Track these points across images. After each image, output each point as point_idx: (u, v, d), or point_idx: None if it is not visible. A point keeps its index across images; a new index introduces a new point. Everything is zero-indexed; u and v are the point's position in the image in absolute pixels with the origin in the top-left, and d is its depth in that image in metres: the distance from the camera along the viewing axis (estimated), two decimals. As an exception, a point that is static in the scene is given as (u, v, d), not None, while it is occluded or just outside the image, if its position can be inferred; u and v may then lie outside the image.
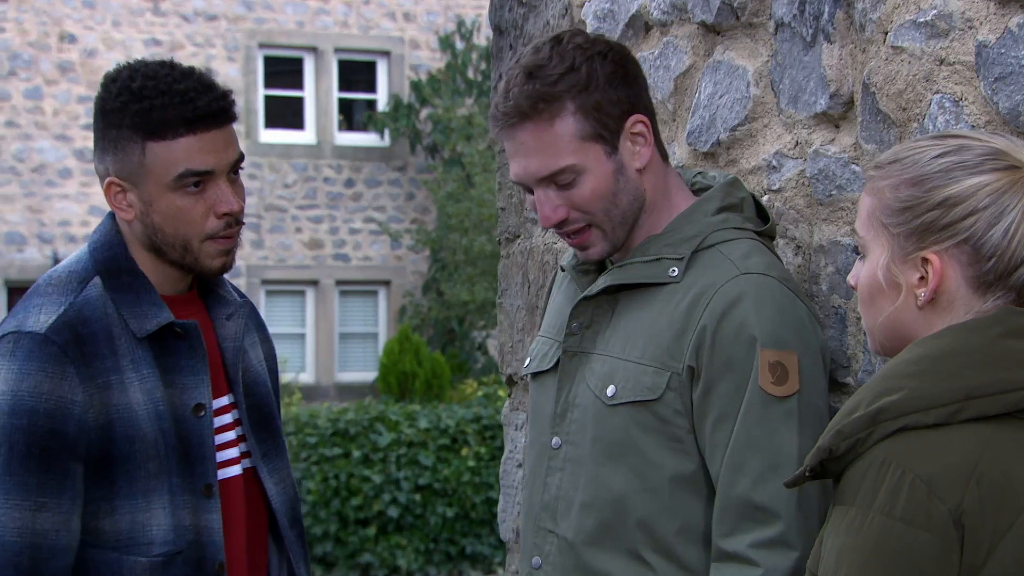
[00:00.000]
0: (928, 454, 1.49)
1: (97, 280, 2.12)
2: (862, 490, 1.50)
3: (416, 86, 16.01)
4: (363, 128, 16.40)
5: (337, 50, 16.36)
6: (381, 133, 16.17)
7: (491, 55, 3.24)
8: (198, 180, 2.09)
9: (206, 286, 2.28)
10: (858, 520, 1.49)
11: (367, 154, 16.28)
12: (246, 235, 15.60)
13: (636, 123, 2.03)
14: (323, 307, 16.22)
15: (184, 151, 2.08)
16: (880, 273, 1.63)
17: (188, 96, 2.07)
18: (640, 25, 2.68)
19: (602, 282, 2.04)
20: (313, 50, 16.34)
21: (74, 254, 2.21)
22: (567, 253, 2.21)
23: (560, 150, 1.96)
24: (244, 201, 2.18)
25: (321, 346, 16.19)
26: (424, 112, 16.06)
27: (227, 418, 2.22)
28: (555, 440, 2.05)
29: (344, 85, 16.57)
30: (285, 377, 15.22)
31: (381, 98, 16.45)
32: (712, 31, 2.48)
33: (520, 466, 3.16)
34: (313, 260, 16.15)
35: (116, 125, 2.09)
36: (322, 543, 11.58)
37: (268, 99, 16.26)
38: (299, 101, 16.44)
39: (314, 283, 16.20)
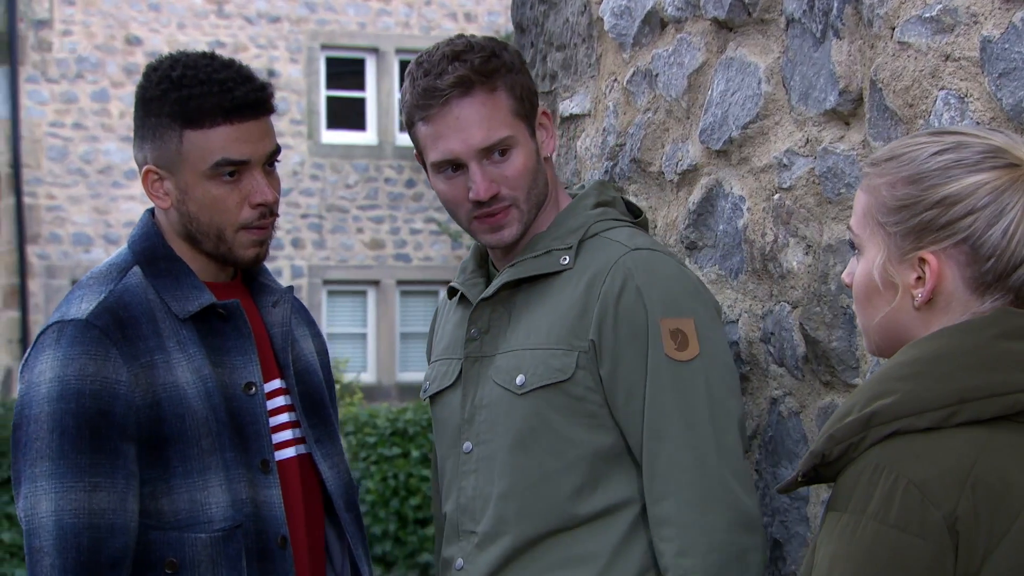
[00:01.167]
0: (922, 459, 1.45)
1: (136, 269, 2.16)
2: (855, 496, 1.47)
3: (477, 86, 16.02)
4: (424, 128, 16.45)
5: (399, 51, 16.42)
6: (442, 133, 16.20)
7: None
8: (233, 170, 2.13)
9: (249, 275, 2.30)
10: (851, 526, 1.46)
11: (428, 154, 16.32)
12: (308, 235, 15.82)
13: (543, 114, 2.17)
14: (384, 307, 16.29)
15: (220, 140, 2.11)
16: (876, 273, 1.60)
17: (227, 86, 2.10)
18: (656, 22, 2.66)
19: (498, 281, 2.12)
20: (375, 51, 16.41)
21: (113, 253, 2.25)
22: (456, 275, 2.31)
23: (500, 121, 2.07)
24: (279, 193, 2.21)
25: (382, 346, 16.26)
26: (485, 112, 16.04)
27: (279, 401, 2.24)
28: (466, 445, 2.11)
29: (405, 86, 16.63)
30: (346, 377, 15.29)
31: (442, 98, 16.49)
32: (725, 27, 2.45)
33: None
34: (374, 260, 16.22)
35: (155, 113, 2.12)
36: (381, 542, 11.63)
37: (330, 100, 16.36)
38: (361, 102, 16.52)
39: (375, 283, 16.27)
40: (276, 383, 2.24)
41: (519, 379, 2.04)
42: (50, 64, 15.06)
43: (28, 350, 2.12)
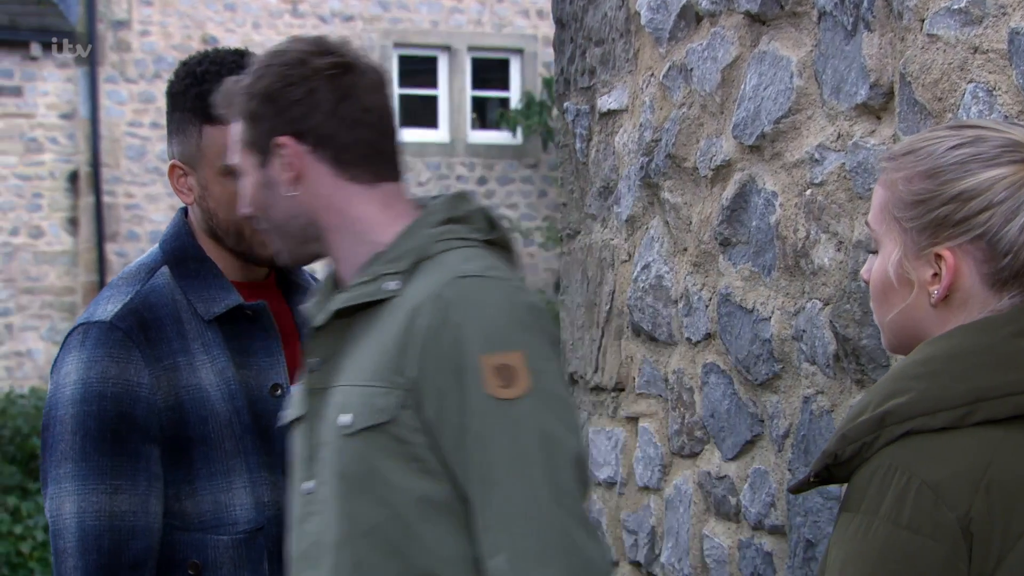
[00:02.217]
0: (935, 459, 1.42)
1: (165, 269, 2.15)
2: (867, 497, 1.45)
3: (549, 83, 16.00)
4: (496, 126, 16.44)
5: (471, 48, 16.44)
6: (514, 131, 16.19)
7: (554, 48, 3.22)
8: None
9: (284, 274, 2.28)
10: (863, 528, 1.43)
11: (500, 152, 16.33)
12: (380, 232, 15.88)
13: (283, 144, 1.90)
14: (456, 304, 16.32)
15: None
16: (891, 269, 1.57)
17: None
18: (691, 16, 2.63)
19: (329, 308, 1.91)
20: (447, 49, 16.45)
21: (146, 252, 2.24)
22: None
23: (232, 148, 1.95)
24: None
25: (454, 343, 16.29)
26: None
27: None
28: (308, 484, 1.88)
29: (477, 83, 16.63)
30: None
31: (514, 96, 16.47)
32: (757, 21, 2.42)
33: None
34: (446, 257, 16.26)
35: (180, 108, 2.12)
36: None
37: (402, 98, 16.42)
38: (433, 100, 16.56)
39: (447, 280, 16.32)
40: None
41: (346, 419, 1.82)
42: (128, 64, 15.28)
43: (58, 351, 2.13)
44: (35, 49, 14.84)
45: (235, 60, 2.13)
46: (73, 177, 15.08)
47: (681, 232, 2.67)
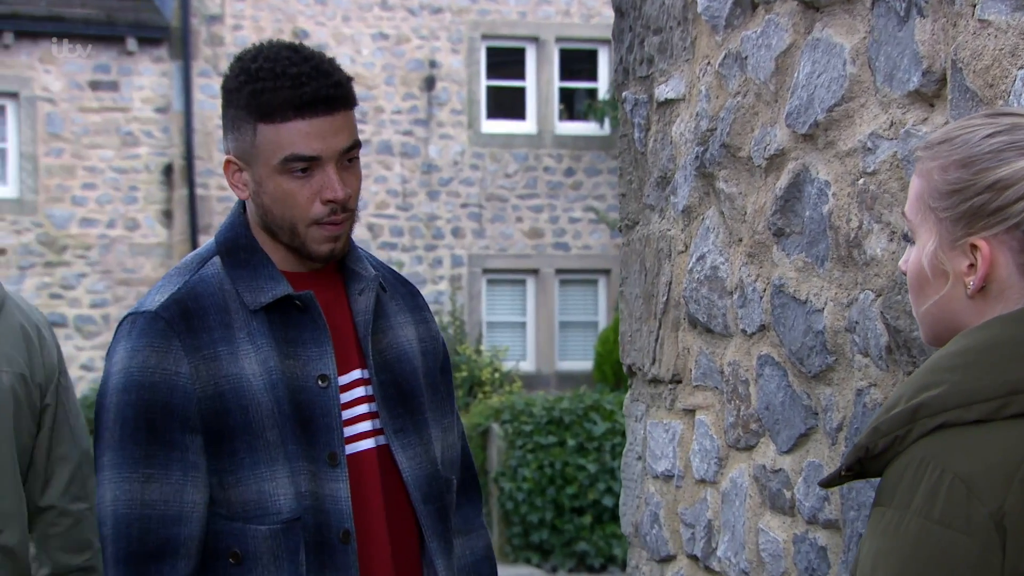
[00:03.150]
0: (969, 453, 1.39)
1: (216, 259, 2.17)
2: (899, 491, 1.42)
3: (638, 74, 15.94)
4: (583, 117, 16.41)
5: (559, 39, 16.42)
6: (601, 122, 16.14)
7: (612, 38, 3.20)
8: (305, 166, 2.10)
9: (341, 262, 2.27)
10: (895, 522, 1.41)
11: (587, 143, 16.29)
12: (468, 225, 15.95)
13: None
14: (543, 296, 16.33)
15: (291, 135, 2.08)
16: (926, 260, 1.54)
17: (300, 80, 2.07)
18: (747, 3, 2.60)
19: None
20: (535, 40, 16.44)
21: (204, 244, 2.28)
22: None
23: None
24: (357, 188, 2.17)
25: (541, 335, 16.30)
26: (646, 100, 15.95)
27: (358, 392, 2.21)
28: None
29: (565, 74, 16.61)
30: (506, 365, 15.37)
31: (602, 87, 16.42)
32: (811, 7, 2.38)
33: (639, 458, 3.11)
34: (533, 249, 16.26)
35: (234, 105, 2.12)
36: (538, 531, 11.67)
37: (490, 89, 16.45)
38: (521, 91, 16.56)
39: (534, 272, 16.32)
40: (356, 373, 2.22)
41: None
42: (221, 58, 15.49)
43: (112, 339, 2.16)
44: (131, 44, 15.11)
45: (288, 56, 2.12)
46: (167, 170, 15.34)
47: (736, 222, 2.64)
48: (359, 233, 15.56)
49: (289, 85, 2.07)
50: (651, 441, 3.04)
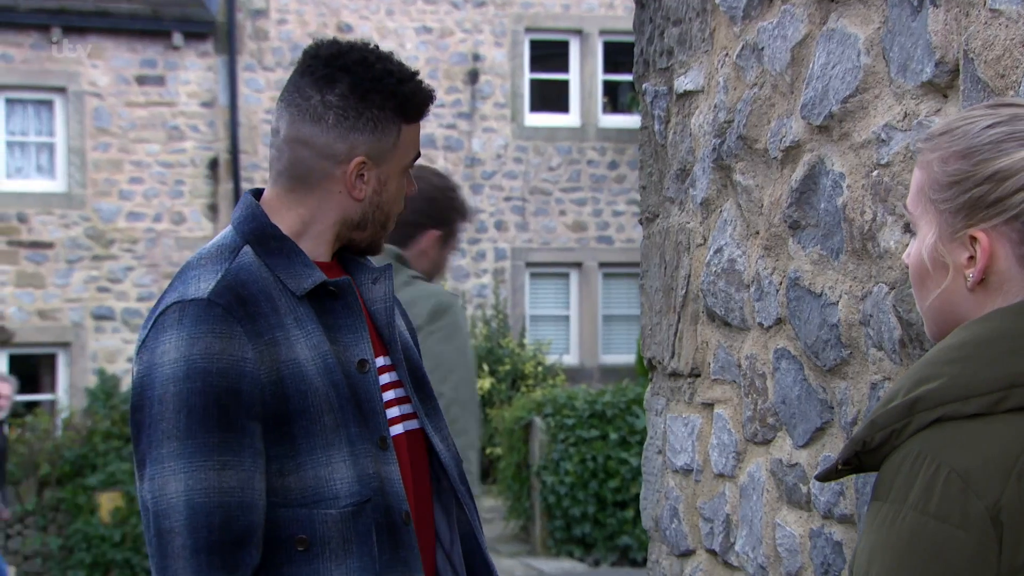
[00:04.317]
0: (966, 446, 1.38)
1: (248, 248, 2.15)
2: (896, 485, 1.41)
3: (682, 67, 15.87)
4: (627, 110, 16.37)
5: (602, 32, 16.38)
6: (645, 115, 16.10)
7: (634, 29, 3.18)
8: (412, 165, 2.25)
9: (343, 256, 2.30)
10: (891, 517, 1.40)
11: (631, 136, 16.24)
12: (511, 218, 15.95)
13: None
14: (587, 289, 16.30)
15: (416, 135, 2.23)
16: (927, 253, 1.52)
17: (422, 84, 2.21)
18: (764, -6, 2.57)
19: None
20: (578, 33, 16.41)
21: (217, 236, 2.25)
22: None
23: None
24: None
25: (585, 328, 16.29)
26: (690, 93, 15.88)
27: (386, 378, 2.24)
28: None
29: (609, 67, 16.57)
30: (549, 359, 15.36)
31: (646, 79, 16.38)
32: (826, -2, 2.36)
33: (660, 452, 3.10)
34: (577, 242, 16.24)
35: (378, 106, 2.15)
36: (580, 524, 11.67)
37: (533, 83, 16.44)
38: (564, 84, 16.55)
39: (578, 265, 16.30)
40: (381, 360, 2.24)
41: None
42: (266, 52, 15.58)
43: (145, 331, 2.10)
44: (177, 39, 15.23)
45: (396, 59, 2.21)
46: (213, 164, 15.45)
47: (753, 215, 2.62)
48: (403, 226, 15.60)
49: (422, 88, 2.20)
50: (671, 435, 3.02)
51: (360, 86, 2.13)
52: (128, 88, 15.11)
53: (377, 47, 2.18)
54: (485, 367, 14.71)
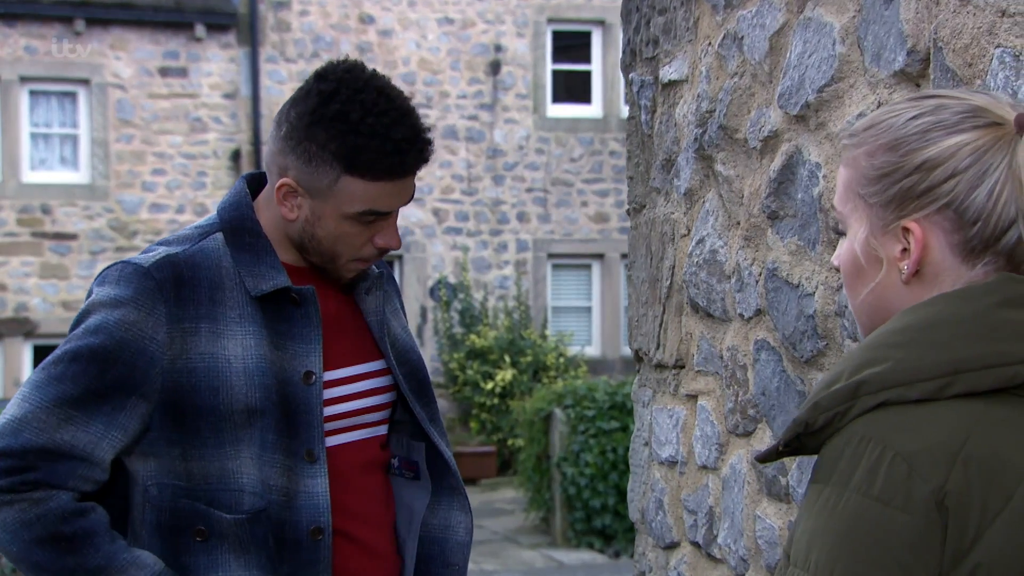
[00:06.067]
0: (911, 431, 1.36)
1: (219, 235, 2.15)
2: (839, 468, 1.39)
3: (705, 57, 15.80)
4: (650, 101, 16.33)
5: (625, 23, 16.33)
6: (667, 105, 16.05)
7: (621, 18, 3.16)
8: (374, 218, 2.11)
9: None
10: (832, 500, 1.38)
11: (653, 127, 16.21)
12: (533, 209, 15.93)
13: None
14: (608, 280, 16.28)
15: (374, 193, 2.07)
16: (859, 248, 1.50)
17: (401, 147, 2.04)
18: (744, -17, 2.55)
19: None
20: (601, 23, 16.37)
21: (209, 215, 2.25)
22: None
23: None
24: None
25: (607, 319, 16.26)
26: (713, 83, 15.83)
27: (367, 384, 2.24)
28: None
29: (631, 58, 16.53)
30: (571, 350, 15.35)
31: (668, 70, 16.33)
32: (803, -14, 2.34)
33: (646, 444, 3.09)
34: (599, 234, 16.21)
35: (318, 143, 2.05)
36: (600, 516, 11.65)
37: (556, 73, 16.41)
38: (586, 75, 16.51)
39: (599, 256, 16.27)
40: (373, 365, 2.26)
41: None
42: (288, 44, 15.60)
43: (96, 278, 2.13)
44: (199, 30, 15.28)
45: (385, 110, 2.04)
46: (235, 156, 15.50)
47: (734, 205, 2.61)
48: (425, 217, 15.61)
49: (391, 151, 2.04)
50: (656, 427, 3.01)
51: (311, 115, 2.05)
52: (151, 80, 15.16)
53: (387, 92, 2.05)
54: (507, 358, 14.70)
